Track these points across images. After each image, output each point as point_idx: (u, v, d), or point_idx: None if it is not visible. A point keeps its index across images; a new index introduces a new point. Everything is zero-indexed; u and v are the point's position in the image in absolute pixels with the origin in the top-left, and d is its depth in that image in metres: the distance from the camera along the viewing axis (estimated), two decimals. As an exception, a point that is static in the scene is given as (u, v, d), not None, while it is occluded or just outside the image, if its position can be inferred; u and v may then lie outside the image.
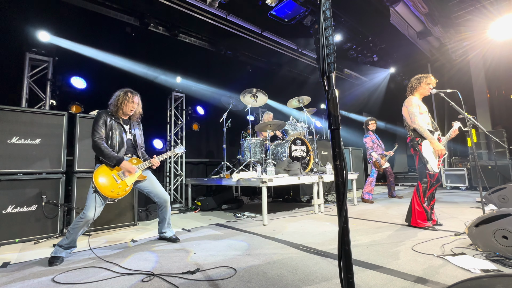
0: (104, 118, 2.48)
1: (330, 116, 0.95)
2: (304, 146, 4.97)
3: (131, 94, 2.59)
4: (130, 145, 2.61)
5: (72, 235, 2.23)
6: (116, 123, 2.53)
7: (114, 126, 2.51)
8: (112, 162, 2.38)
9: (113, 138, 2.48)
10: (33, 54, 3.89)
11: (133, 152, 2.64)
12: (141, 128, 2.82)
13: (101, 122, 2.45)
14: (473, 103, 7.94)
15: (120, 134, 2.53)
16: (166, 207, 2.69)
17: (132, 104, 2.58)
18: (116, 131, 2.51)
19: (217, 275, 1.77)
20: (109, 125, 2.49)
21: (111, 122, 2.50)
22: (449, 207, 4.16)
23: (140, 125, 2.81)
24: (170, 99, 5.63)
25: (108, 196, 2.33)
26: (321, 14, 0.95)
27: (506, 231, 1.90)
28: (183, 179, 5.50)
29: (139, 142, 2.69)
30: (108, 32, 4.80)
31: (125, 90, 2.60)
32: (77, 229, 2.24)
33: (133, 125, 2.69)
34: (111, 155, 2.37)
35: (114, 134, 2.49)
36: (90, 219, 2.24)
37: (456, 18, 6.59)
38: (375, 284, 1.56)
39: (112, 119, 2.52)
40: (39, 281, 1.77)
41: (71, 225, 2.27)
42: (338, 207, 0.91)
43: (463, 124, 2.98)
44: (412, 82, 3.04)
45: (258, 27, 5.99)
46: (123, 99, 2.55)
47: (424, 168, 2.83)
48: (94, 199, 2.26)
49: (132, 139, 2.63)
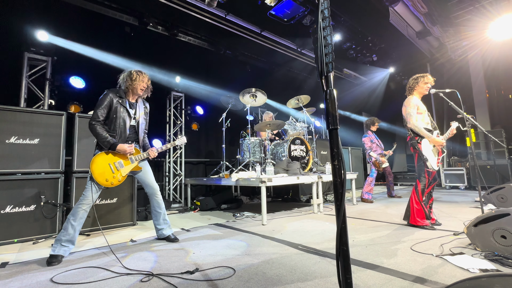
0: (110, 99, 2.42)
1: (329, 116, 0.94)
2: (303, 146, 4.97)
3: (141, 72, 2.54)
4: (132, 132, 2.57)
5: (72, 226, 2.23)
6: (121, 106, 2.47)
7: (119, 110, 2.45)
8: (106, 147, 2.35)
9: (116, 122, 2.44)
10: (32, 54, 3.88)
11: (134, 139, 2.60)
12: (148, 109, 2.75)
13: (105, 104, 2.39)
14: (472, 103, 7.94)
15: (123, 119, 2.48)
16: (156, 194, 2.65)
17: (143, 83, 2.53)
18: (120, 115, 2.46)
19: (216, 275, 1.77)
20: (114, 108, 2.43)
21: (116, 105, 2.44)
22: (448, 207, 4.16)
23: (147, 108, 2.73)
24: (169, 98, 5.62)
25: (102, 184, 2.35)
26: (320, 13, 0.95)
27: (505, 231, 1.90)
28: (182, 178, 5.50)
29: (142, 130, 2.63)
30: (107, 31, 4.79)
31: (136, 70, 2.54)
32: (76, 215, 2.24)
33: (139, 108, 2.61)
34: (105, 140, 2.33)
35: (118, 119, 2.44)
36: (90, 203, 2.29)
37: (456, 18, 6.59)
38: (374, 284, 1.56)
39: (119, 102, 2.46)
40: (38, 281, 1.77)
41: (70, 212, 2.27)
42: (336, 207, 0.91)
43: (462, 124, 2.99)
44: (410, 82, 3.08)
45: (257, 26, 5.99)
46: (135, 76, 2.49)
47: (423, 166, 2.87)
48: (91, 186, 2.31)
49: (135, 126, 2.59)
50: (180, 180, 5.50)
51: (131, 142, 2.57)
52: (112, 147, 2.35)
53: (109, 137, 2.36)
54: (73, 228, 2.25)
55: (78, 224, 2.28)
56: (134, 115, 2.58)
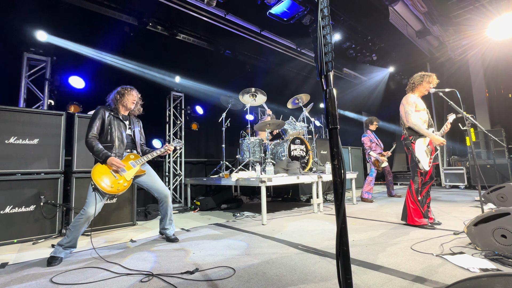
0: (102, 113, 2.48)
1: (328, 116, 0.94)
2: (303, 146, 4.97)
3: (129, 88, 2.64)
4: (129, 141, 2.62)
5: (73, 233, 2.22)
6: (115, 118, 2.53)
7: (113, 121, 2.51)
8: (101, 159, 2.35)
9: (112, 132, 2.47)
10: (31, 54, 3.88)
11: (132, 148, 2.64)
12: (141, 125, 2.84)
13: (98, 118, 2.44)
14: (472, 102, 7.94)
15: (119, 129, 2.53)
16: (167, 202, 2.66)
17: (132, 96, 2.61)
18: (115, 126, 2.51)
19: (216, 275, 1.77)
20: (108, 120, 2.48)
21: (109, 118, 2.49)
22: (448, 206, 4.16)
23: (139, 122, 2.82)
24: (169, 98, 5.61)
25: (108, 192, 2.32)
26: (319, 12, 0.95)
27: (505, 230, 1.90)
28: (182, 178, 5.49)
29: (138, 139, 2.69)
30: (106, 31, 4.78)
31: (123, 86, 2.65)
32: (77, 226, 2.23)
33: (132, 121, 2.69)
34: (99, 152, 2.34)
35: (113, 129, 2.49)
36: (90, 216, 2.25)
37: (455, 17, 6.59)
38: (374, 284, 1.56)
39: (111, 114, 2.52)
40: (37, 282, 1.76)
41: (71, 223, 2.26)
42: (336, 207, 0.91)
43: (462, 123, 2.98)
44: (414, 78, 3.01)
45: (257, 26, 5.98)
46: (124, 92, 2.59)
47: (416, 167, 2.86)
48: (94, 196, 2.27)
49: (131, 135, 2.64)
50: (180, 180, 5.50)
51: (129, 151, 2.60)
52: (105, 159, 2.34)
53: (104, 150, 2.37)
54: (74, 235, 2.24)
55: (80, 232, 2.27)
56: (129, 126, 2.65)
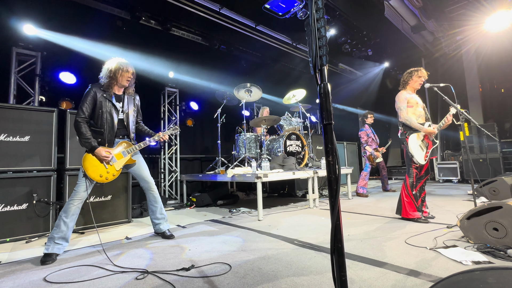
0: (93, 94, 2.32)
1: (323, 111, 0.93)
2: (299, 141, 4.97)
3: (126, 64, 2.41)
4: (121, 126, 2.48)
5: (64, 223, 2.19)
6: (107, 100, 2.37)
7: (105, 104, 2.36)
8: (87, 148, 2.28)
9: (102, 117, 2.34)
10: (20, 49, 3.78)
11: (124, 134, 2.52)
12: (138, 102, 2.66)
13: (89, 99, 2.30)
14: (465, 97, 8.02)
15: (110, 113, 2.38)
16: (151, 189, 2.61)
17: (127, 73, 2.42)
18: (107, 110, 2.36)
19: (212, 272, 1.76)
20: (99, 103, 2.33)
21: (101, 100, 2.34)
22: (441, 200, 4.22)
23: (135, 98, 2.63)
24: (163, 94, 5.55)
25: (97, 180, 2.31)
26: (313, 4, 0.93)
27: (497, 223, 1.93)
28: (177, 175, 5.46)
29: (132, 123, 2.54)
30: (98, 25, 4.65)
31: (117, 59, 2.42)
32: (68, 211, 2.20)
33: (127, 100, 2.51)
34: (86, 139, 2.25)
35: (104, 114, 2.35)
36: (82, 199, 2.26)
37: (450, 12, 6.60)
38: (369, 277, 1.58)
39: (103, 96, 2.36)
40: (31, 281, 1.74)
41: (62, 208, 2.23)
42: (330, 204, 0.90)
43: (456, 118, 3.00)
44: (404, 76, 3.10)
45: (252, 21, 5.91)
46: (117, 68, 2.36)
47: (410, 161, 2.90)
48: (84, 182, 2.27)
49: (124, 119, 2.49)
50: (176, 176, 5.47)
51: (121, 137, 2.51)
52: (91, 150, 2.27)
53: (91, 139, 2.27)
54: (66, 225, 2.21)
55: (71, 220, 2.24)
56: (122, 108, 2.48)
